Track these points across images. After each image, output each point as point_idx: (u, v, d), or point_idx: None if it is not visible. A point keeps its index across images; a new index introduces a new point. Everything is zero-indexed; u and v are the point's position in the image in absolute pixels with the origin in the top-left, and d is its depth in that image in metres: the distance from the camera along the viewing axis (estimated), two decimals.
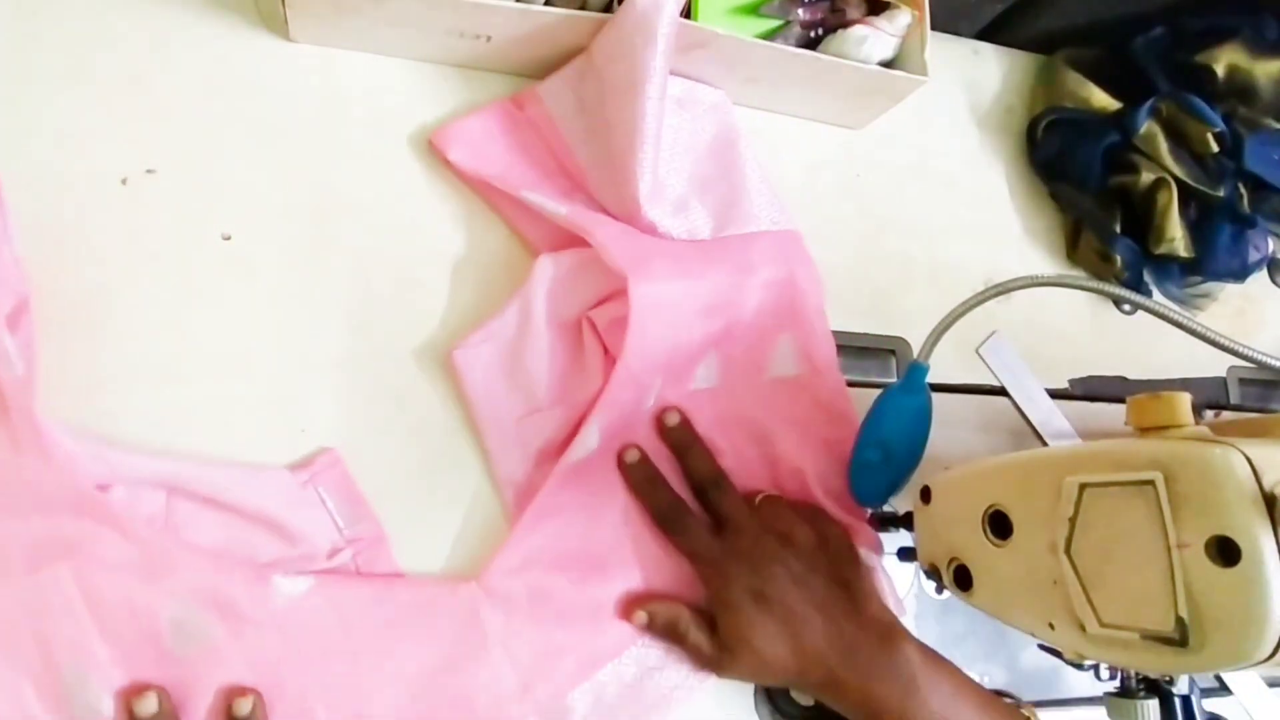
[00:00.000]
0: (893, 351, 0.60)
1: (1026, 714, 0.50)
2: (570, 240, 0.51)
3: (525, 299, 0.50)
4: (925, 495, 0.48)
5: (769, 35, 0.56)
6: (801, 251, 0.57)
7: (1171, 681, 0.42)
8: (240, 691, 0.41)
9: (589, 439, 0.49)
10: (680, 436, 0.52)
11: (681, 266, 0.52)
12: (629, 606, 0.49)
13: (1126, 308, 0.68)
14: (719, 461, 0.52)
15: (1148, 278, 0.66)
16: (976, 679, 0.48)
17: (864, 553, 0.51)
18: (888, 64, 0.57)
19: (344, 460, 0.47)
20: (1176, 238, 0.64)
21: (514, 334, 0.50)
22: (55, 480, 0.40)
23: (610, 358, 0.50)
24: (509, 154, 0.53)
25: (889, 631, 0.47)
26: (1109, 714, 0.43)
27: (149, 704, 0.39)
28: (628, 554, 0.50)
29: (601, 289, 0.51)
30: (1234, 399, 0.66)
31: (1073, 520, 0.38)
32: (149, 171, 0.48)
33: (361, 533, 0.46)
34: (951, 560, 0.45)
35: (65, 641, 0.39)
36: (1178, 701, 0.42)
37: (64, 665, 0.39)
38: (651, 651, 0.49)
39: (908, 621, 0.51)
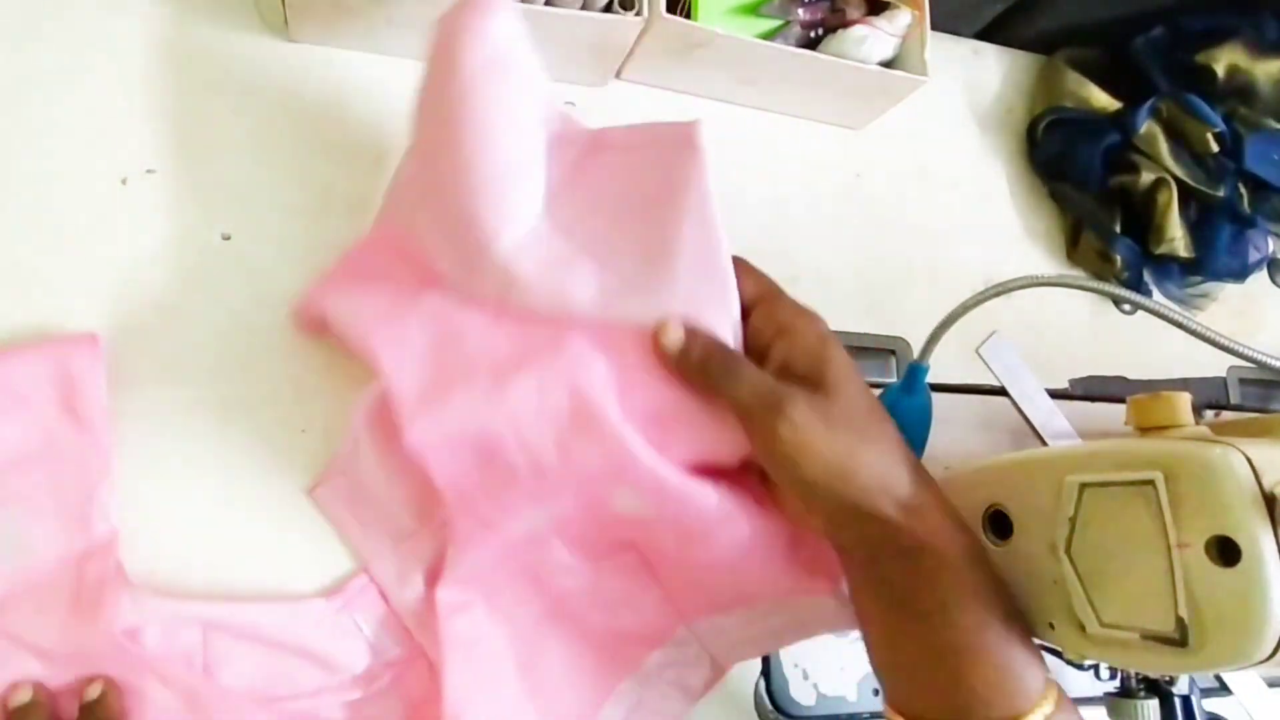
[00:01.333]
0: (893, 351, 0.60)
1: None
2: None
3: (353, 430, 0.47)
4: None
5: (769, 35, 0.56)
6: None
7: (1171, 681, 0.42)
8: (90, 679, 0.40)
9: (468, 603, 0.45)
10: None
11: (480, 383, 0.42)
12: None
13: (1126, 308, 0.68)
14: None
15: (1148, 278, 0.66)
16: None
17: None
18: (888, 64, 0.57)
19: (375, 584, 0.46)
20: (1176, 238, 0.64)
21: (355, 466, 0.47)
22: (93, 631, 0.40)
23: None
24: (358, 293, 0.46)
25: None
26: (1109, 714, 0.43)
27: None
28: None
29: None
30: (1234, 399, 0.66)
31: (1073, 520, 0.38)
32: (149, 171, 0.48)
33: (398, 656, 0.46)
34: None
35: None
36: (1178, 701, 0.42)
37: None
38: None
39: None
